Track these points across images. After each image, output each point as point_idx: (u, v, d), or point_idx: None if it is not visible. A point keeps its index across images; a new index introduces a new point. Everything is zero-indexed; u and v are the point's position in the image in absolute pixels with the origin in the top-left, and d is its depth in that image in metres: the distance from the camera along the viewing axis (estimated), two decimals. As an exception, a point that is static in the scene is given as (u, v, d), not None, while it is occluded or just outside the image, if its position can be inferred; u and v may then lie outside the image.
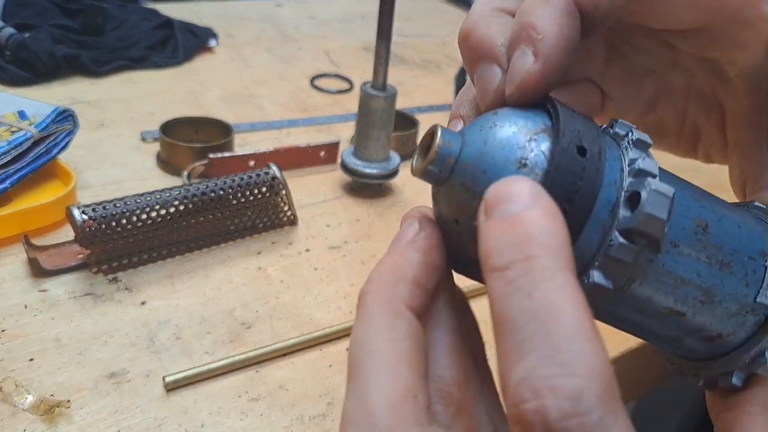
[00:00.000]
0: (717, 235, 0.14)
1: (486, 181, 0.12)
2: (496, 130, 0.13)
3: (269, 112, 0.52)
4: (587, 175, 0.12)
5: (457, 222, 0.13)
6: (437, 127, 0.13)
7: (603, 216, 0.12)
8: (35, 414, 0.24)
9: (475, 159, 0.12)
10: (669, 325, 0.14)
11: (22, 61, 0.49)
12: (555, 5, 0.13)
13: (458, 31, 0.15)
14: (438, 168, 0.13)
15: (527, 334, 0.10)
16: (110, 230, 0.30)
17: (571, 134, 0.12)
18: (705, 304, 0.14)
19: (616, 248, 0.12)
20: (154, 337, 0.29)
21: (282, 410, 0.26)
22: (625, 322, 0.14)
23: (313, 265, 0.35)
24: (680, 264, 0.13)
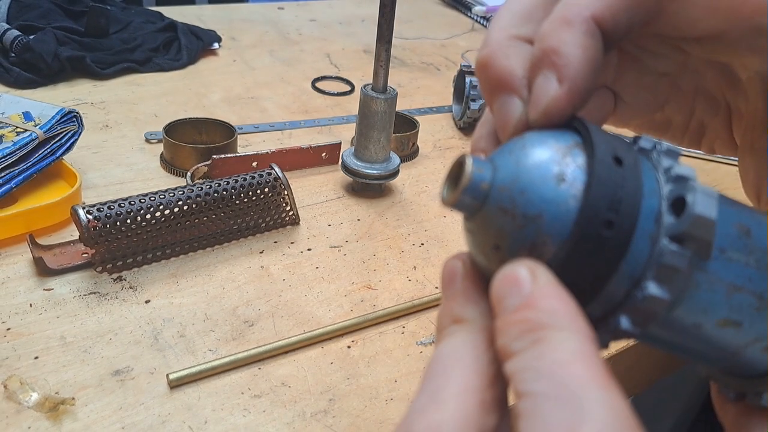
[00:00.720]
0: (760, 238, 0.13)
1: (526, 201, 0.12)
2: (528, 150, 0.12)
3: (271, 113, 0.52)
4: (628, 184, 0.12)
5: (498, 248, 0.13)
6: (465, 156, 0.13)
7: (648, 226, 0.12)
8: (40, 411, 0.24)
9: (511, 181, 0.12)
10: (727, 338, 0.13)
11: (27, 63, 0.50)
12: (577, 28, 0.13)
13: (476, 59, 0.15)
14: (472, 195, 0.12)
15: (538, 390, 0.10)
16: (114, 230, 0.31)
17: (605, 146, 0.12)
18: (760, 310, 0.13)
19: (669, 255, 0.12)
20: (158, 335, 0.29)
21: (284, 407, 0.26)
22: (680, 342, 0.14)
23: (314, 264, 0.35)
24: (731, 270, 0.13)
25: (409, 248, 0.37)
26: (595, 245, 0.12)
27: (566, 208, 0.12)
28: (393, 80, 0.40)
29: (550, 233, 0.12)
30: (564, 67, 0.13)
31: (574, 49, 0.13)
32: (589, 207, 0.12)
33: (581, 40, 0.13)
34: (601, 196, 0.12)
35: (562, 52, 0.13)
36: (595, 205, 0.11)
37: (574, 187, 0.12)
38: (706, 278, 0.13)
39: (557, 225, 0.12)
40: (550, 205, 0.12)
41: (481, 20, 0.82)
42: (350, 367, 0.29)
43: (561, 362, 0.10)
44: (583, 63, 0.13)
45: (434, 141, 0.51)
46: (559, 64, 0.13)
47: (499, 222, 0.12)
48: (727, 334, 0.13)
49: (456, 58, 0.69)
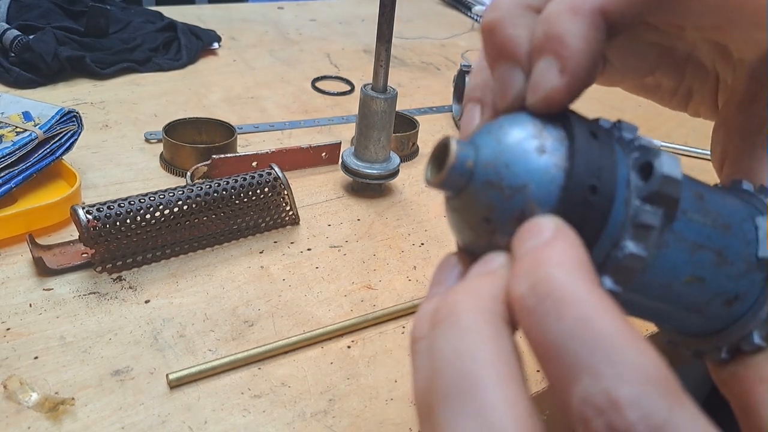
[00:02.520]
0: (713, 202, 0.14)
1: (511, 173, 0.13)
2: (506, 129, 0.13)
3: (271, 113, 0.52)
4: (605, 153, 0.13)
5: (489, 220, 0.13)
6: (449, 137, 0.13)
7: (622, 191, 0.13)
8: (40, 412, 0.24)
9: (495, 157, 0.13)
10: (693, 295, 0.14)
11: (27, 63, 0.50)
12: (583, 19, 0.13)
13: (483, 20, 0.15)
14: (458, 173, 0.13)
15: (571, 356, 0.10)
16: (114, 230, 0.30)
17: (580, 121, 0.13)
18: (719, 266, 0.14)
19: (643, 214, 0.12)
20: (158, 335, 0.29)
21: (284, 407, 0.26)
22: (653, 303, 0.14)
23: (314, 264, 0.35)
24: (693, 230, 0.14)
25: (409, 248, 0.37)
26: (583, 210, 0.12)
27: (550, 177, 0.12)
28: (393, 80, 0.40)
29: (538, 201, 0.12)
30: (567, 59, 0.13)
31: (578, 42, 0.13)
32: (575, 173, 0.12)
33: (586, 33, 0.13)
34: (585, 163, 0.12)
35: (566, 42, 0.13)
36: (580, 172, 0.12)
37: (556, 157, 0.13)
38: (673, 238, 0.13)
39: (544, 193, 0.12)
40: (534, 174, 0.13)
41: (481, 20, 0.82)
42: (350, 367, 0.29)
43: (585, 321, 0.10)
44: (587, 56, 0.13)
45: (434, 141, 0.51)
46: (563, 54, 0.13)
47: (487, 195, 0.13)
48: (693, 290, 0.14)
49: (456, 57, 0.69)
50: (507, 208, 0.13)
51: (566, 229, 0.12)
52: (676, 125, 0.57)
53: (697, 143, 0.53)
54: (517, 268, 0.11)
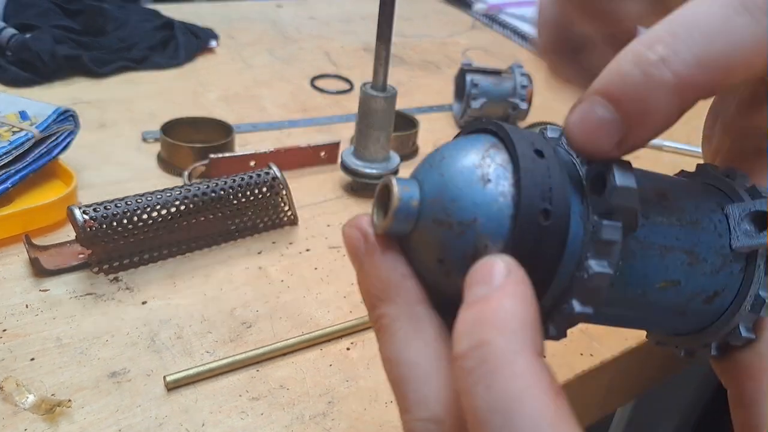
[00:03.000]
0: (676, 199, 0.14)
1: (458, 208, 0.12)
2: (448, 161, 0.13)
3: (270, 112, 0.52)
4: (553, 172, 0.12)
5: (442, 261, 0.12)
6: (389, 178, 0.13)
7: (577, 208, 0.12)
8: (36, 413, 0.24)
9: (439, 193, 0.12)
10: (670, 299, 0.14)
11: (24, 62, 0.50)
12: (681, 100, 0.12)
13: None
14: (405, 215, 0.12)
15: (493, 429, 0.09)
16: (111, 230, 0.30)
17: (524, 140, 0.12)
18: (693, 265, 0.14)
19: (602, 230, 0.12)
20: (155, 337, 0.29)
21: (282, 409, 0.26)
22: (630, 314, 0.14)
23: (313, 265, 0.35)
24: (658, 233, 0.13)
25: (409, 248, 0.37)
26: (537, 237, 0.12)
27: (498, 207, 0.12)
28: (393, 79, 0.40)
29: (489, 235, 0.12)
30: (636, 136, 0.12)
31: (659, 125, 0.12)
32: (523, 200, 0.12)
33: (674, 114, 0.12)
34: (533, 186, 0.12)
35: (648, 122, 0.12)
36: (528, 198, 0.12)
37: (501, 184, 0.12)
38: (638, 245, 0.13)
39: (494, 225, 0.12)
40: (482, 207, 0.12)
41: (482, 18, 0.82)
42: (349, 369, 0.28)
43: (512, 396, 0.09)
44: (656, 133, 0.12)
45: (435, 140, 0.51)
46: (635, 129, 0.12)
47: (437, 235, 0.12)
48: (669, 294, 0.14)
49: (456, 56, 0.68)
50: (459, 247, 0.12)
51: (515, 275, 0.11)
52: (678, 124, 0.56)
53: (699, 142, 0.52)
54: (460, 320, 0.11)
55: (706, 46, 0.11)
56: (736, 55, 0.12)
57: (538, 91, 0.54)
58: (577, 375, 0.30)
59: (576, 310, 0.12)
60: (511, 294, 0.11)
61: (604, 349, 0.31)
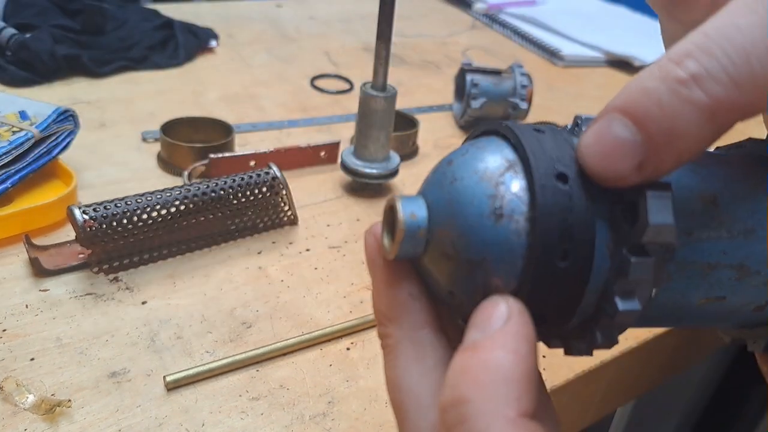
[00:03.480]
0: (729, 203, 0.12)
1: (467, 245, 0.11)
2: (458, 185, 0.11)
3: (269, 112, 0.52)
4: (576, 203, 0.11)
5: (452, 293, 0.12)
6: (395, 198, 0.12)
7: (604, 236, 0.11)
8: (36, 413, 0.24)
9: (448, 223, 0.11)
10: (712, 313, 0.13)
11: (23, 62, 0.49)
12: (716, 127, 0.10)
13: None
14: (411, 245, 0.11)
15: None
16: (111, 230, 0.30)
17: (544, 161, 0.11)
18: (741, 279, 0.12)
19: (632, 268, 0.11)
20: (155, 337, 0.29)
21: (282, 409, 0.26)
22: (665, 323, 0.13)
23: (313, 265, 0.35)
24: (701, 251, 0.12)
25: (409, 248, 0.37)
26: (553, 278, 0.11)
27: (510, 248, 0.11)
28: (393, 78, 0.40)
29: (499, 276, 0.11)
30: (660, 165, 0.10)
31: (689, 154, 0.10)
32: (540, 241, 0.10)
33: (708, 141, 0.10)
34: (550, 228, 0.10)
35: (677, 150, 0.10)
36: (546, 238, 0.10)
37: (515, 222, 0.11)
38: (676, 268, 0.12)
39: (505, 267, 0.11)
40: (492, 247, 0.11)
41: (482, 18, 0.82)
42: (349, 369, 0.28)
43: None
44: (681, 163, 0.10)
45: (435, 140, 0.51)
46: (661, 157, 0.10)
47: (446, 269, 0.11)
48: (712, 308, 0.13)
49: (456, 55, 0.68)
50: (468, 283, 0.11)
51: (514, 322, 0.10)
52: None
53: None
54: (451, 366, 0.10)
55: (745, 63, 0.10)
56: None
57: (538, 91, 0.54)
58: (577, 375, 0.30)
59: (598, 341, 0.11)
60: (502, 346, 0.10)
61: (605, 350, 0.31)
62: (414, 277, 0.13)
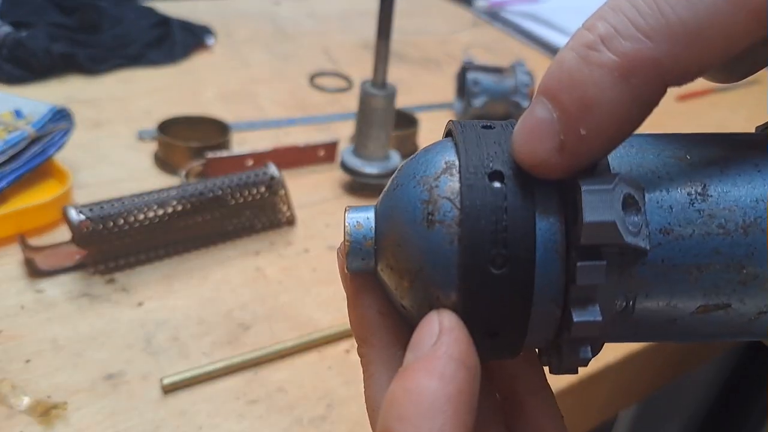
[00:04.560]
0: (725, 192, 0.10)
1: (404, 255, 0.10)
2: (398, 190, 0.11)
3: (268, 110, 0.51)
4: (512, 202, 0.10)
5: (404, 307, 0.11)
6: (346, 210, 0.11)
7: (551, 238, 0.10)
8: (32, 416, 0.24)
9: (389, 233, 0.11)
10: (720, 321, 0.10)
11: (19, 60, 0.49)
12: (633, 89, 0.09)
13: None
14: (360, 257, 0.11)
15: None
16: (107, 230, 0.30)
17: (478, 160, 0.10)
18: (746, 283, 0.10)
19: (579, 273, 0.09)
20: (152, 339, 0.28)
21: (280, 412, 0.26)
22: (661, 336, 0.11)
23: (312, 266, 0.34)
24: (686, 250, 0.10)
25: (409, 248, 0.37)
26: (491, 286, 0.10)
27: (444, 254, 0.10)
28: (393, 76, 0.39)
29: (437, 286, 0.10)
30: (579, 143, 0.09)
31: (610, 124, 0.09)
32: (466, 250, 0.09)
33: (630, 110, 0.09)
34: (479, 231, 0.09)
35: (594, 120, 0.09)
36: (475, 246, 0.09)
37: (446, 227, 0.10)
38: (652, 272, 0.10)
39: (441, 275, 0.10)
40: (427, 254, 0.10)
41: (483, 15, 0.81)
42: (349, 372, 0.28)
43: None
44: (607, 145, 0.10)
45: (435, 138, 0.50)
46: (579, 132, 0.09)
47: (393, 281, 0.11)
48: (717, 318, 0.10)
49: (457, 53, 0.68)
50: (412, 296, 0.10)
51: (444, 341, 0.10)
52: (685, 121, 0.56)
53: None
54: (386, 396, 0.10)
55: (655, 12, 0.09)
56: (709, 20, 0.09)
57: (539, 89, 0.53)
58: (580, 378, 0.29)
59: (565, 359, 0.10)
60: (428, 370, 0.09)
61: (608, 352, 0.31)
62: (381, 293, 0.12)
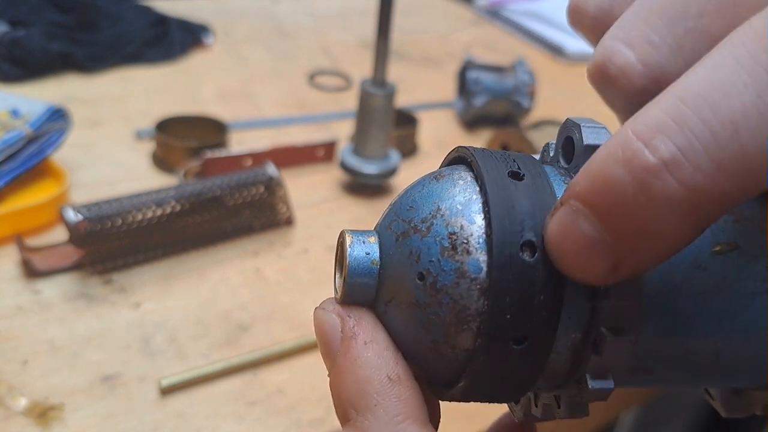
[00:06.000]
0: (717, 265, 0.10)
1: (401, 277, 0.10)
2: (412, 239, 0.10)
3: (266, 109, 0.51)
4: (542, 279, 0.09)
5: (435, 342, 0.10)
6: (344, 231, 0.11)
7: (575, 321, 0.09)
8: (29, 417, 0.24)
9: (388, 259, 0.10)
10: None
11: (16, 58, 0.49)
12: (693, 227, 0.08)
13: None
14: (361, 276, 0.10)
15: None
16: (104, 231, 0.30)
17: (510, 228, 0.09)
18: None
19: (608, 349, 0.09)
20: (149, 340, 0.28)
21: (279, 414, 0.26)
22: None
23: (311, 266, 0.34)
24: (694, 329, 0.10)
25: (408, 248, 0.37)
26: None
27: (468, 307, 0.09)
28: (392, 75, 0.39)
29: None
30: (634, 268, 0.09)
31: (665, 255, 0.08)
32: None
33: (684, 231, 0.08)
34: (502, 306, 0.09)
35: (651, 251, 0.08)
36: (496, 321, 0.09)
37: (471, 293, 0.09)
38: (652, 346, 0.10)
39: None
40: None
41: (484, 13, 0.81)
42: (347, 372, 0.28)
43: None
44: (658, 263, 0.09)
45: (435, 137, 0.50)
46: (633, 262, 0.08)
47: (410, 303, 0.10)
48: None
49: (457, 52, 0.67)
50: (443, 326, 0.10)
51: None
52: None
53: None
54: None
55: (733, 139, 0.07)
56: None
57: (541, 88, 0.53)
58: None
59: (561, 413, 0.10)
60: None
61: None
62: (393, 349, 0.10)
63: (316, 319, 0.11)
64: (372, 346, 0.10)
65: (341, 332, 0.11)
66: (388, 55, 0.37)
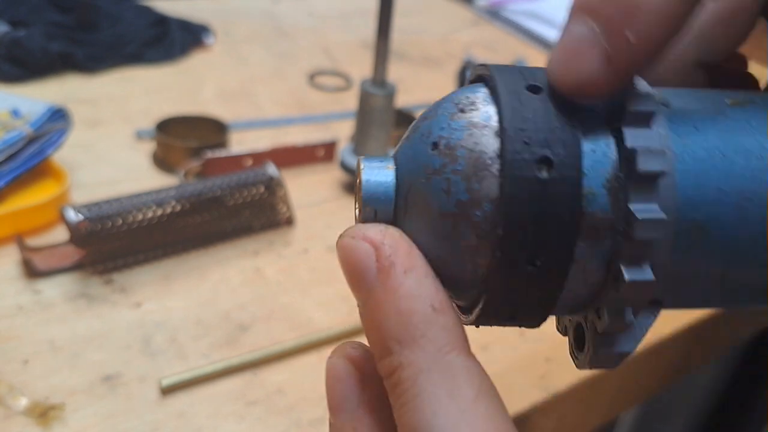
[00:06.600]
0: None
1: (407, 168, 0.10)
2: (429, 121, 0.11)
3: (267, 109, 0.51)
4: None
5: (457, 214, 0.10)
6: (359, 159, 0.11)
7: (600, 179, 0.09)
8: (30, 417, 0.24)
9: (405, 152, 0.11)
10: None
11: (16, 59, 0.49)
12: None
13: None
14: (378, 193, 0.10)
15: None
16: (105, 231, 0.30)
17: (523, 146, 0.09)
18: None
19: (635, 228, 0.09)
20: (150, 340, 0.28)
21: (280, 414, 0.26)
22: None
23: (311, 266, 0.34)
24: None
25: (409, 248, 0.37)
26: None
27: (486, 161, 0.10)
28: (393, 75, 0.39)
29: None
30: (625, 51, 0.09)
31: (658, 26, 0.09)
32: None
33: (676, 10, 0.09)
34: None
35: (640, 25, 0.09)
36: (512, 245, 0.09)
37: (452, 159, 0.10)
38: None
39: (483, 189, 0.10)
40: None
41: (484, 13, 0.81)
42: (348, 372, 0.28)
43: None
44: (654, 48, 0.09)
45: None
46: (623, 43, 0.09)
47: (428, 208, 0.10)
48: None
49: (457, 52, 0.67)
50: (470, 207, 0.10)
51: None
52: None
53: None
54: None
55: None
56: None
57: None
58: (583, 381, 0.29)
59: (627, 318, 0.10)
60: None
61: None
62: (434, 278, 0.10)
63: (342, 250, 0.10)
64: (412, 275, 0.10)
65: (376, 261, 0.10)
66: (388, 55, 0.37)
